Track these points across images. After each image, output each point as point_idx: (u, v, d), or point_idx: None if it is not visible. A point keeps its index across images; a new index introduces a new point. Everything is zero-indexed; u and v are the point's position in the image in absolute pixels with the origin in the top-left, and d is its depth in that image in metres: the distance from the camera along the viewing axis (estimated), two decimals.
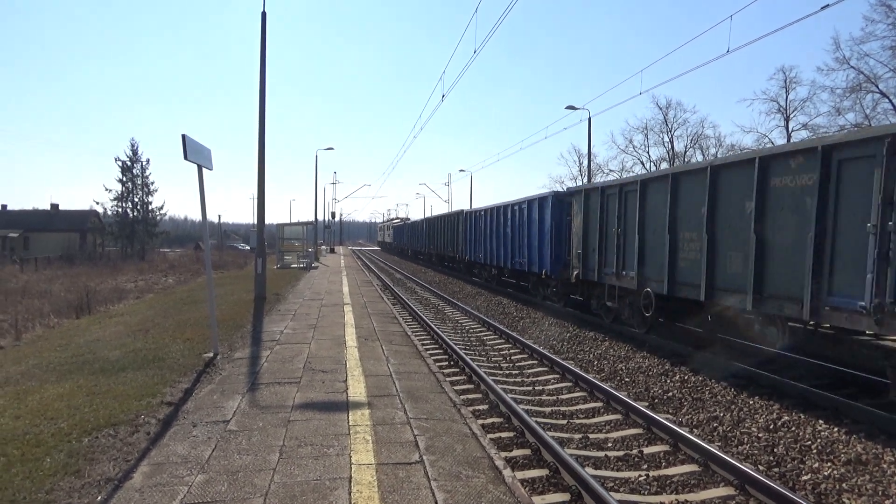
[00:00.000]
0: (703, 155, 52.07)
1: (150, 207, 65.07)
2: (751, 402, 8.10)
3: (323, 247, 63.59)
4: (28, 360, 10.32)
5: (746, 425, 7.31)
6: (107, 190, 63.28)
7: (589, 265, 14.92)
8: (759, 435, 6.96)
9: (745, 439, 6.87)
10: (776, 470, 6.01)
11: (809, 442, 6.64)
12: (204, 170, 9.66)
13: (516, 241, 21.10)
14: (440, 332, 13.33)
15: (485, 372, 9.76)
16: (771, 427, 7.17)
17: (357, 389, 7.78)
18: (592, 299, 15.30)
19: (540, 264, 18.68)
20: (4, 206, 71.59)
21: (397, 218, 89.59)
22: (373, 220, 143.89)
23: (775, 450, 6.50)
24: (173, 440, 5.84)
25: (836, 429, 6.94)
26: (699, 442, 6.28)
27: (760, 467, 6.07)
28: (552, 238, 17.60)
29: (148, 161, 64.26)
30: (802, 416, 7.40)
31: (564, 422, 7.66)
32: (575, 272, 15.68)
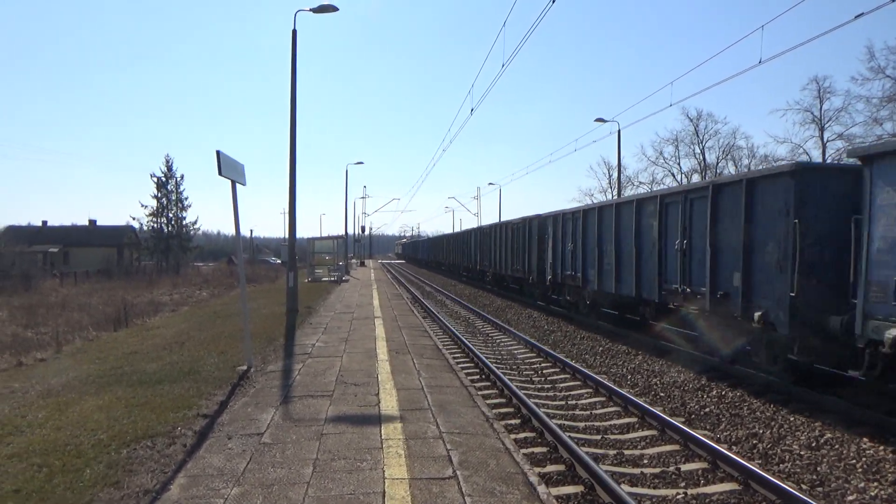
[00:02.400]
0: (736, 166, 51.32)
1: (184, 223, 66.33)
2: (791, 419, 7.89)
3: (353, 260, 64.08)
4: (68, 372, 10.54)
5: (787, 442, 7.12)
6: (142, 206, 64.79)
7: (556, 271, 19.79)
8: (801, 453, 6.77)
9: (787, 457, 6.68)
10: (820, 489, 5.83)
11: (854, 460, 6.44)
12: (237, 185, 9.82)
13: (516, 252, 25.64)
14: (471, 346, 13.29)
15: (516, 386, 9.68)
16: (813, 444, 6.97)
17: (389, 403, 7.78)
18: (560, 296, 20.16)
19: (528, 270, 23.45)
20: (45, 222, 73.63)
21: (405, 237, 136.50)
22: (402, 234, 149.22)
23: (818, 468, 6.31)
24: (209, 452, 5.90)
25: (881, 447, 6.71)
26: (739, 459, 6.14)
27: (803, 486, 5.90)
28: (537, 251, 22.27)
29: (182, 177, 65.65)
30: (846, 434, 7.19)
31: (599, 437, 7.55)
32: (549, 276, 20.47)
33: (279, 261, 79.72)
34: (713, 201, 10.74)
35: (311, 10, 17.59)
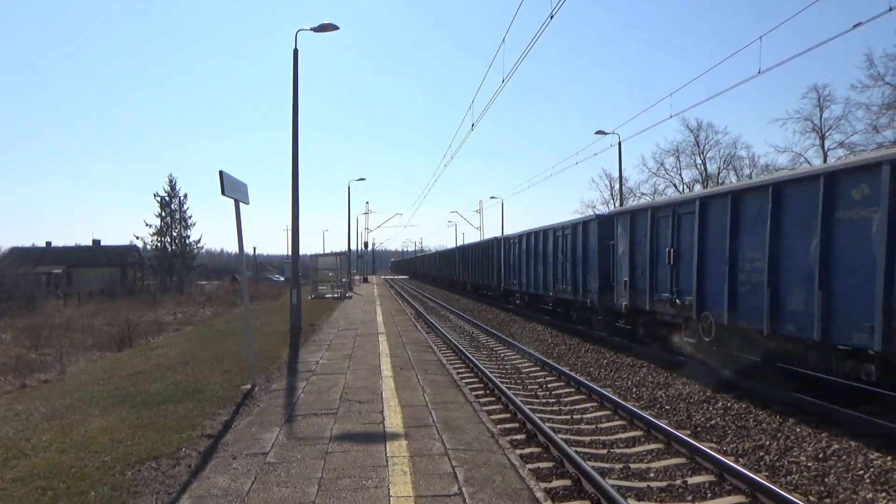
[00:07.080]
0: (738, 176, 51.34)
1: (187, 241, 66.60)
2: (798, 430, 7.85)
3: (356, 276, 64.11)
4: (73, 393, 10.54)
5: (794, 454, 7.08)
6: (147, 225, 65.17)
7: (512, 280, 26.77)
8: (809, 464, 6.73)
9: (794, 469, 6.65)
10: (828, 501, 5.80)
11: (862, 471, 6.40)
12: (241, 204, 9.87)
13: (485, 267, 32.53)
14: (476, 361, 13.26)
15: (521, 400, 9.66)
16: (820, 456, 6.94)
17: (394, 420, 7.76)
18: (515, 300, 27.35)
19: (496, 281, 30.18)
20: (49, 243, 73.83)
21: (395, 256, 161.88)
22: (405, 249, 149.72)
23: (826, 480, 6.28)
24: (214, 473, 5.89)
25: (889, 457, 6.67)
26: (745, 472, 6.11)
27: (811, 498, 5.87)
28: (502, 265, 28.83)
29: (185, 196, 66.14)
30: (853, 444, 7.15)
31: (604, 451, 7.52)
32: (503, 284, 28.01)
33: (282, 278, 79.86)
34: (573, 235, 18.88)
35: (311, 29, 17.73)
